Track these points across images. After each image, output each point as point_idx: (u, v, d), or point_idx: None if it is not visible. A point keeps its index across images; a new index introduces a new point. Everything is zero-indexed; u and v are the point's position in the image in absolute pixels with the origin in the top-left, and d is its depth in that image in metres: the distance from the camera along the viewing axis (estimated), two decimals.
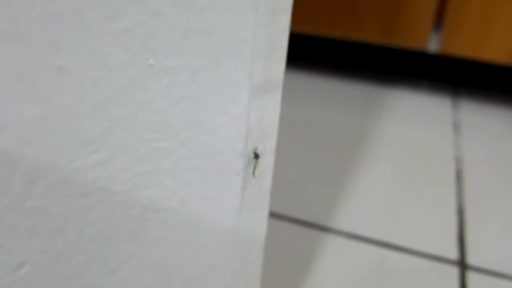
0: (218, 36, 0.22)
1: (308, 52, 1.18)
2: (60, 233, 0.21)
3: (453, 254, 0.53)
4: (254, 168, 0.28)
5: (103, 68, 0.19)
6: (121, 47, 0.19)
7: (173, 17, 0.20)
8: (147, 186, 0.23)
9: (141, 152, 0.22)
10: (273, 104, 0.27)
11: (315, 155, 0.72)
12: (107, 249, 0.23)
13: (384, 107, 0.90)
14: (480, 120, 0.87)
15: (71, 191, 0.20)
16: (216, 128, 0.24)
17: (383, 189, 0.65)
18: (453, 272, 0.51)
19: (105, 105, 0.19)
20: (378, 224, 0.57)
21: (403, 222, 0.58)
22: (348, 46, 1.20)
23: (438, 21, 0.87)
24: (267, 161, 0.29)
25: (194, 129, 0.23)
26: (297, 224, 0.57)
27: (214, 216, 0.27)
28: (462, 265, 0.52)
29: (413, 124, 0.84)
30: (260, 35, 0.24)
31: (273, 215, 0.57)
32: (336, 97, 0.94)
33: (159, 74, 0.21)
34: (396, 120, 0.85)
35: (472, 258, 0.52)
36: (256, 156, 0.27)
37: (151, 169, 0.23)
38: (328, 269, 0.50)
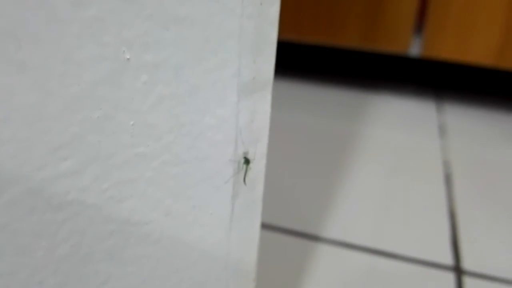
0: (201, 28, 0.20)
1: (289, 59, 1.17)
2: (29, 252, 0.19)
3: (448, 259, 0.52)
4: (245, 174, 0.25)
5: (71, 62, 0.16)
6: (91, 39, 0.16)
7: (151, 4, 0.18)
8: (127, 197, 0.20)
9: (118, 159, 0.19)
10: (263, 104, 0.25)
11: (301, 163, 0.70)
12: (83, 269, 0.21)
13: (368, 112, 0.89)
14: (465, 123, 0.87)
15: (39, 205, 0.18)
16: (203, 131, 0.22)
17: (372, 195, 0.63)
18: (449, 278, 0.49)
19: (74, 106, 0.17)
20: (370, 231, 0.56)
21: (395, 228, 0.56)
22: (330, 53, 1.19)
23: (419, 25, 0.86)
24: (258, 166, 0.27)
25: (178, 132, 0.21)
26: (288, 234, 0.55)
27: (202, 229, 0.25)
28: (458, 270, 0.50)
29: (399, 129, 0.83)
30: (247, 27, 0.22)
31: (262, 225, 0.54)
32: (319, 103, 0.92)
33: (136, 70, 0.18)
34: (382, 125, 0.84)
35: (467, 263, 0.51)
36: (247, 161, 0.25)
37: (130, 178, 0.20)
38: (321, 279, 0.48)
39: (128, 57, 0.18)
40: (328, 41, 0.90)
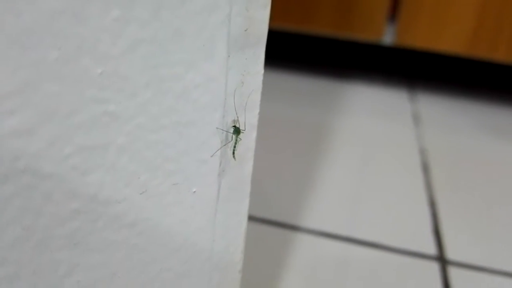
0: None
1: None
2: None
3: (431, 249, 0.51)
4: (234, 147, 0.22)
5: None
6: None
7: None
8: (93, 167, 0.16)
9: (82, 117, 0.15)
10: (255, 64, 0.21)
11: (275, 153, 0.68)
12: (39, 258, 0.16)
13: (341, 101, 0.88)
14: (439, 112, 0.87)
15: None
16: (186, 89, 0.18)
17: (350, 184, 0.61)
18: (434, 268, 0.48)
19: (24, 41, 0.13)
20: (349, 220, 0.54)
21: (375, 217, 0.55)
22: (301, 40, 1.17)
23: (393, 13, 0.85)
24: (248, 139, 0.23)
25: (157, 89, 0.17)
26: (265, 224, 0.52)
27: (184, 211, 0.21)
28: (442, 260, 0.49)
29: (373, 118, 0.82)
30: None
31: None
32: (291, 92, 0.90)
33: (105, 1, 0.14)
34: (356, 114, 0.83)
35: (451, 253, 0.50)
36: (237, 131, 0.21)
37: (98, 143, 0.16)
38: (300, 268, 0.46)
39: None
40: (299, 28, 0.88)
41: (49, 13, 0.13)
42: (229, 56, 0.19)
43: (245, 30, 0.20)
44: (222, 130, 0.21)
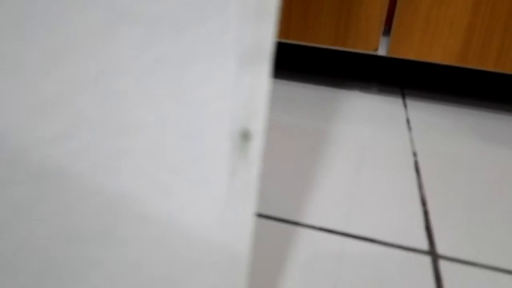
0: None
1: None
2: (3, 231, 0.16)
3: (423, 244, 0.53)
4: (243, 152, 0.24)
5: (58, 7, 0.14)
6: None
7: None
8: (119, 168, 0.18)
9: (110, 125, 0.17)
10: (262, 77, 0.23)
11: (277, 155, 0.70)
12: (67, 252, 0.18)
13: (337, 108, 0.90)
14: (430, 117, 0.90)
15: (16, 174, 0.16)
16: (202, 101, 0.20)
17: (348, 184, 0.63)
18: (426, 261, 0.51)
19: (59, 57, 0.15)
20: (347, 217, 0.56)
21: (371, 215, 0.57)
22: (299, 50, 1.19)
23: (388, 26, 0.88)
24: (256, 144, 0.25)
25: (177, 101, 0.19)
26: (268, 219, 0.54)
27: (197, 208, 0.23)
28: (433, 254, 0.52)
29: (368, 123, 0.85)
30: None
31: None
32: (288, 100, 0.92)
33: (133, 21, 0.16)
34: (352, 120, 0.85)
35: (441, 248, 0.53)
36: (245, 137, 0.23)
37: (124, 148, 0.18)
38: (301, 260, 0.48)
39: (124, 4, 0.16)
40: (298, 41, 0.92)
41: (81, 32, 0.15)
42: (238, 70, 0.21)
43: (254, 47, 0.22)
44: (232, 137, 0.23)
